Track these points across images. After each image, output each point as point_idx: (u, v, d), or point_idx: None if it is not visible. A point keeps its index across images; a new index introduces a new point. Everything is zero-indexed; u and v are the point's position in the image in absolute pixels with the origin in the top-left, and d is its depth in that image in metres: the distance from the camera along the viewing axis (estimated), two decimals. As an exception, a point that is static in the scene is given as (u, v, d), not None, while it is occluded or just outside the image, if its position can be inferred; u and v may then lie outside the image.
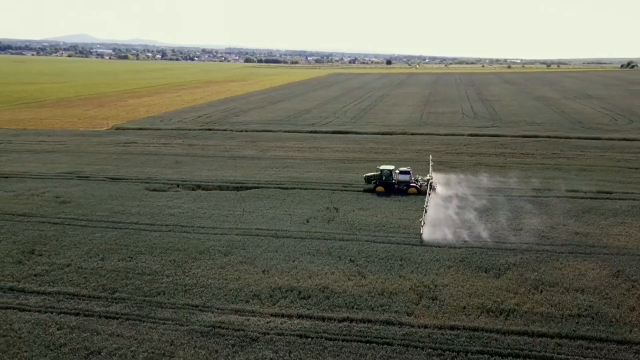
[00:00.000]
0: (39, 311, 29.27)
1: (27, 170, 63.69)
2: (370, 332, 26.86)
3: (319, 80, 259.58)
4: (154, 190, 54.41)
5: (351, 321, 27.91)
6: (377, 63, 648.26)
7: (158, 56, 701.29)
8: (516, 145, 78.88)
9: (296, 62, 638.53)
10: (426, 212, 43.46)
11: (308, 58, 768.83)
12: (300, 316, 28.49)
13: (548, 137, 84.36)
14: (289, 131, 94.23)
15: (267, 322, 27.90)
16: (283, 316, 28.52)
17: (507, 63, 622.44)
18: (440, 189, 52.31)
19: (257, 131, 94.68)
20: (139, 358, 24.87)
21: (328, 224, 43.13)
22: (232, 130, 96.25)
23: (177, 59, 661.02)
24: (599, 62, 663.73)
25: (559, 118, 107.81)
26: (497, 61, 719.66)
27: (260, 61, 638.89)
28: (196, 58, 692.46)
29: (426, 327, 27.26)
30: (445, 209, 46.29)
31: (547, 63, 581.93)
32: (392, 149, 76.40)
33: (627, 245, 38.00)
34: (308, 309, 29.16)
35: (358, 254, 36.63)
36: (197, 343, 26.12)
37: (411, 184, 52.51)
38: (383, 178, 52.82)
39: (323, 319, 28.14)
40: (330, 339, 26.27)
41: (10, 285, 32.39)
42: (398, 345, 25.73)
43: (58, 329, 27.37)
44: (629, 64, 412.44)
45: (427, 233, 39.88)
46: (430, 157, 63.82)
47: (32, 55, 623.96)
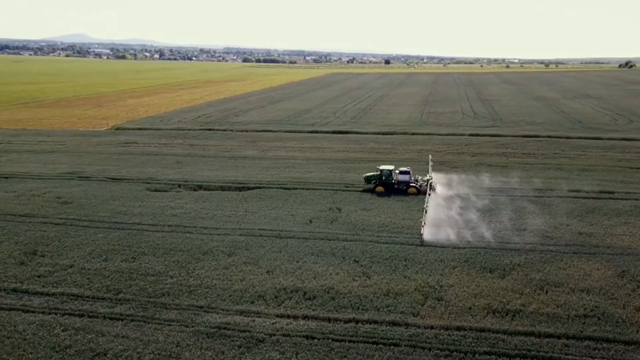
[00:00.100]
0: (43, 312, 29.11)
1: (28, 170, 63.45)
2: (376, 333, 26.78)
3: (318, 80, 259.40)
4: (156, 190, 54.25)
5: (357, 322, 27.83)
6: (376, 63, 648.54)
7: (156, 56, 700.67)
8: (517, 145, 78.89)
9: (294, 62, 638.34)
10: (426, 212, 43.40)
11: (306, 58, 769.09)
12: (306, 317, 28.39)
13: (549, 137, 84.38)
14: (290, 131, 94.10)
15: (273, 323, 27.81)
16: (289, 317, 28.43)
17: (506, 63, 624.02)
18: (441, 189, 52.24)
19: (258, 131, 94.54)
20: (145, 359, 24.77)
21: (331, 225, 43.05)
22: (233, 130, 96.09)
23: (175, 59, 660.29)
24: (597, 62, 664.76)
25: (559, 118, 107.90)
26: (496, 61, 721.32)
27: (258, 61, 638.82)
28: (194, 58, 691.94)
29: (432, 328, 27.20)
30: (447, 209, 46.22)
31: (545, 63, 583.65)
32: (394, 149, 76.33)
33: (632, 245, 38.00)
34: (314, 310, 29.06)
35: (362, 255, 36.55)
36: (203, 344, 26.01)
37: (411, 184, 52.43)
38: (383, 178, 52.73)
39: (329, 320, 28.06)
40: (336, 340, 26.20)
41: (13, 286, 32.20)
42: (405, 346, 25.66)
43: (63, 331, 27.22)
44: (627, 64, 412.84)
45: (429, 233, 39.82)
46: (429, 157, 63.74)
47: (30, 55, 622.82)
